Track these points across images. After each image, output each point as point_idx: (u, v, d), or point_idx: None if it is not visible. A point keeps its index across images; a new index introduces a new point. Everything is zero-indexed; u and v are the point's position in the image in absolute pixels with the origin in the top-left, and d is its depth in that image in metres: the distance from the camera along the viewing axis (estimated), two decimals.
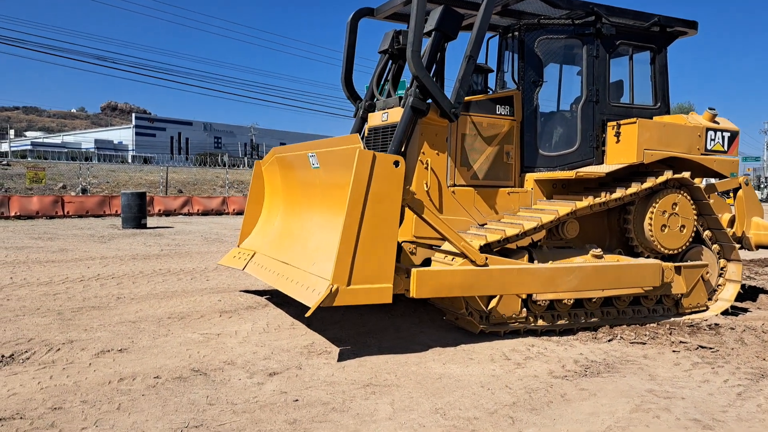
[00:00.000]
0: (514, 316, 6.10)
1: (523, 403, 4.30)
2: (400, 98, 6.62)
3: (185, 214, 23.28)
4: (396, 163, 5.23)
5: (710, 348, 5.70)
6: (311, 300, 5.15)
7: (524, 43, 7.06)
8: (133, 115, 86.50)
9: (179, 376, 4.72)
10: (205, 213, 24.03)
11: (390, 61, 7.47)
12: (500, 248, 6.24)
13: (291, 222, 7.14)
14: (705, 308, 7.25)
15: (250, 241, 7.70)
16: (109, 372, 4.76)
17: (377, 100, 7.26)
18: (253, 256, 7.31)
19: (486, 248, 6.02)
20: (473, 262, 5.69)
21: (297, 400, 4.25)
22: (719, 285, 7.43)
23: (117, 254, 11.43)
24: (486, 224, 6.65)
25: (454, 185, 6.60)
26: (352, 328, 6.29)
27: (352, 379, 4.74)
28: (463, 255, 5.69)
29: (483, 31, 6.18)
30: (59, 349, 5.29)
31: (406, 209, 5.54)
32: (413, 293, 5.43)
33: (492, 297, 5.99)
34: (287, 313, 6.85)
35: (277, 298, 7.53)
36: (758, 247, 8.26)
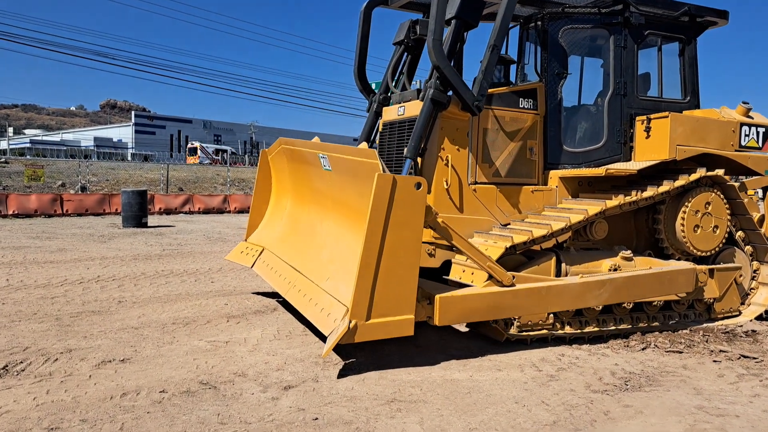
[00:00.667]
0: (540, 323, 5.73)
1: (564, 422, 3.92)
2: (418, 91, 6.24)
3: (186, 213, 22.89)
4: (418, 185, 4.77)
5: (753, 358, 5.33)
6: (327, 326, 4.81)
7: (548, 33, 6.66)
8: (133, 112, 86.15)
9: (187, 389, 4.35)
10: (207, 211, 23.63)
11: (405, 53, 7.09)
12: (525, 249, 5.87)
13: (300, 220, 6.78)
14: (738, 313, 6.88)
15: (258, 236, 7.39)
16: (111, 385, 4.38)
17: (392, 93, 6.87)
18: (261, 252, 6.96)
19: (511, 250, 5.64)
20: (499, 283, 5.31)
21: (317, 419, 3.88)
22: (752, 288, 7.05)
23: (117, 254, 11.04)
24: (509, 224, 6.27)
25: (476, 183, 6.22)
26: None
27: (374, 393, 4.36)
28: (489, 275, 5.31)
29: (507, 20, 5.80)
30: (57, 360, 4.92)
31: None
32: (437, 321, 5.07)
33: None
34: (297, 318, 6.47)
35: (285, 301, 7.15)
36: None
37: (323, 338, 5.77)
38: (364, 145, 6.83)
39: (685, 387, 4.64)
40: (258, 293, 7.68)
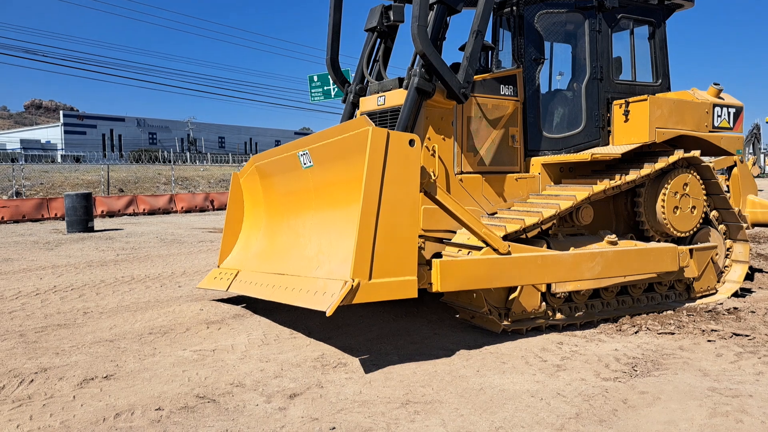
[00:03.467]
0: (534, 311, 5.67)
1: (587, 413, 3.83)
2: (400, 79, 6.04)
3: (130, 215, 22.00)
4: (411, 142, 4.67)
5: (746, 335, 5.41)
6: (325, 303, 4.54)
7: (524, 18, 6.58)
8: (61, 112, 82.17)
9: (184, 405, 4.04)
10: (152, 212, 22.79)
11: (379, 40, 6.87)
12: (516, 238, 5.78)
13: (279, 234, 6.42)
14: (714, 291, 7.02)
15: (232, 260, 6.93)
16: (100, 406, 4.03)
17: (369, 82, 6.65)
18: (236, 275, 6.56)
19: (503, 239, 5.54)
20: (496, 251, 5.21)
21: (334, 428, 3.66)
22: (726, 266, 7.21)
23: (69, 262, 10.41)
24: (495, 213, 6.18)
25: (462, 172, 6.09)
26: (360, 334, 5.71)
27: (385, 396, 4.17)
28: (485, 243, 5.19)
29: (491, 3, 5.67)
30: (33, 381, 4.50)
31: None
32: (437, 287, 4.89)
33: (512, 290, 5.55)
34: (279, 321, 6.19)
35: (263, 304, 6.82)
36: (754, 225, 8.13)
37: (315, 339, 5.54)
38: None
39: (690, 369, 4.64)
40: (230, 299, 7.31)
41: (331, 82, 37.69)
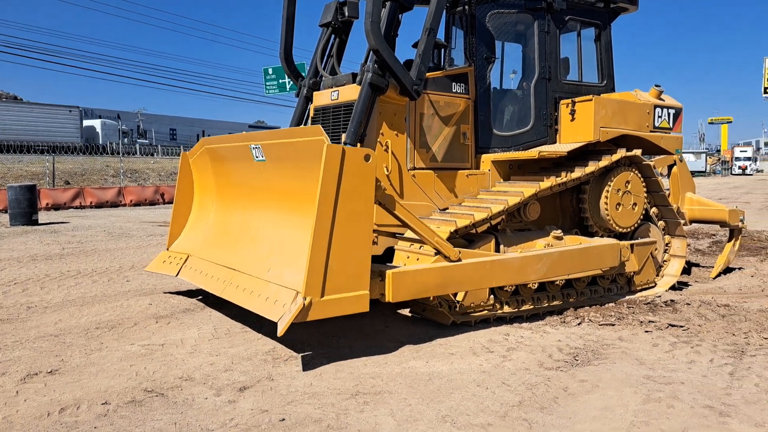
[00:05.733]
0: (482, 304, 5.81)
1: (529, 401, 3.98)
2: (353, 74, 6.09)
3: (77, 207, 21.40)
4: (367, 157, 4.69)
5: (681, 326, 5.67)
6: (277, 313, 4.57)
7: (475, 17, 6.71)
8: (3, 101, 79.07)
9: (132, 399, 4.01)
10: (99, 205, 22.21)
11: (333, 35, 6.89)
12: (466, 233, 5.92)
13: (229, 220, 6.40)
14: (654, 284, 7.32)
15: (181, 243, 6.87)
16: (44, 401, 3.96)
17: (322, 77, 6.67)
18: (186, 259, 6.51)
19: (453, 234, 5.67)
20: (447, 258, 5.32)
21: (284, 420, 3.70)
22: (665, 261, 7.52)
23: (12, 255, 10.09)
24: (447, 208, 6.30)
25: (414, 168, 6.18)
26: (312, 329, 5.72)
27: (335, 388, 4.23)
28: (437, 251, 5.30)
29: (443, 2, 5.77)
30: None
31: None
32: (389, 297, 4.98)
33: None
34: (231, 316, 6.17)
35: (214, 297, 6.75)
36: (692, 221, 8.49)
37: (267, 333, 5.55)
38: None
39: (627, 358, 4.85)
40: (181, 292, 7.24)
41: (286, 75, 37.56)
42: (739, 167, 66.13)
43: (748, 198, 25.57)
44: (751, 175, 63.45)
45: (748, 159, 67.27)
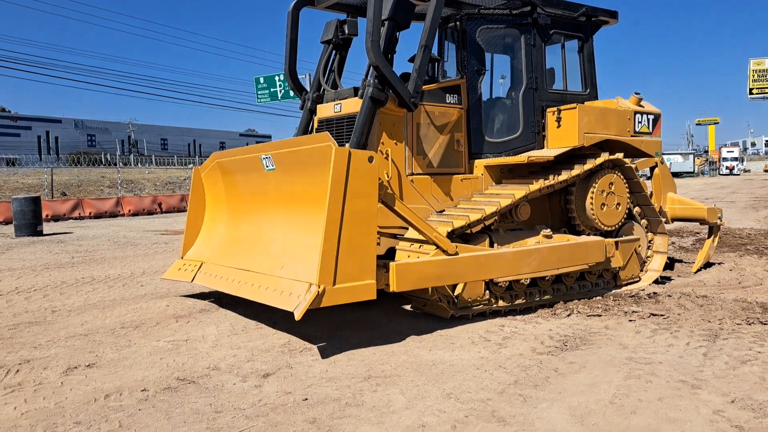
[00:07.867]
0: (479, 299, 6.28)
1: (524, 380, 4.46)
2: (355, 89, 6.58)
3: (77, 218, 21.74)
4: (370, 159, 5.21)
5: (661, 315, 6.18)
6: (292, 304, 5.04)
7: (466, 32, 7.21)
8: None
9: (167, 386, 4.46)
10: (98, 216, 22.55)
11: (334, 51, 7.38)
12: (462, 233, 6.40)
13: (241, 228, 6.86)
14: (638, 279, 7.83)
15: (195, 252, 7.32)
16: (89, 389, 4.41)
17: (325, 91, 7.15)
18: (200, 266, 6.96)
19: (450, 234, 6.14)
20: (445, 252, 5.80)
21: (306, 399, 4.16)
22: (648, 257, 8.03)
23: (25, 264, 10.49)
24: (443, 211, 6.78)
25: (412, 174, 6.66)
26: (321, 324, 6.20)
27: (349, 373, 4.69)
28: (435, 245, 5.78)
29: (437, 20, 6.26)
30: (18, 371, 4.82)
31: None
32: (393, 287, 5.46)
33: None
34: (245, 314, 6.62)
35: (228, 299, 7.24)
36: (674, 219, 9.02)
37: (281, 329, 6.01)
38: None
39: (612, 344, 5.35)
40: (194, 295, 7.68)
41: (278, 84, 38.01)
42: (727, 167, 67.25)
43: (733, 198, 26.27)
44: (738, 175, 64.53)
45: (735, 159, 68.41)
